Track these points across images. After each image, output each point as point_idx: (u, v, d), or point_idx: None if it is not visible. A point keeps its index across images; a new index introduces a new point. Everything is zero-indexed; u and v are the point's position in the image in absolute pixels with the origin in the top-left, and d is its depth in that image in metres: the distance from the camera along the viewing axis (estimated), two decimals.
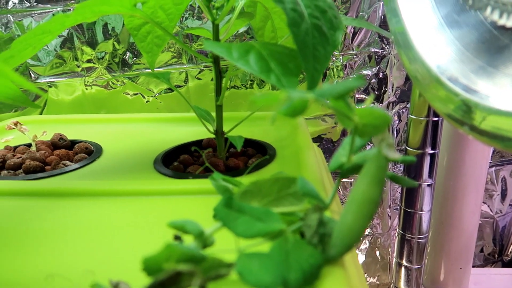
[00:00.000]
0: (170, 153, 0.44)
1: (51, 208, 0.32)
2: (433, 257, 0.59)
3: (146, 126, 0.55)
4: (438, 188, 0.55)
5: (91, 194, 0.34)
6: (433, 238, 0.58)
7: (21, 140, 0.49)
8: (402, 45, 0.34)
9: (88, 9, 0.33)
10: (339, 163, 0.23)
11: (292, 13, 0.26)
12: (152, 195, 0.34)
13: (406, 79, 0.64)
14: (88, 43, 0.62)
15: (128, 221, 0.29)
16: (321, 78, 0.26)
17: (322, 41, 0.28)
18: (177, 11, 0.46)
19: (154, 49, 0.48)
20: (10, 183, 0.37)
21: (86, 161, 0.42)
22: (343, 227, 0.20)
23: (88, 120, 0.58)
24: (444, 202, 0.56)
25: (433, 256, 0.59)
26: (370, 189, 0.20)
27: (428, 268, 0.60)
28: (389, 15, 0.36)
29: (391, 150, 0.21)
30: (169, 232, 0.27)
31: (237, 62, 0.27)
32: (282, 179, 0.22)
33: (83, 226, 0.29)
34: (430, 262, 0.60)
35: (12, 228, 0.29)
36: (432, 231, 0.57)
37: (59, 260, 0.24)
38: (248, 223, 0.20)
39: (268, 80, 0.26)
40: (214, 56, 0.41)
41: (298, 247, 0.20)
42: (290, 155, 0.41)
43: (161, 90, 0.65)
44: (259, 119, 0.53)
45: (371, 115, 0.20)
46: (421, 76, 0.32)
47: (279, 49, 0.29)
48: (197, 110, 0.43)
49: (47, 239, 0.27)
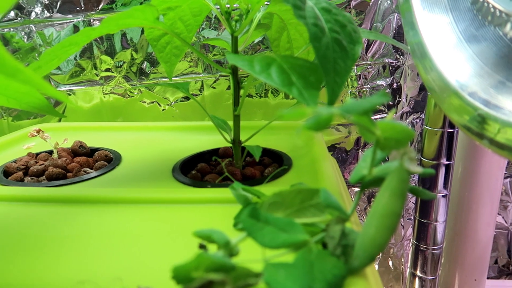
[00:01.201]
0: (187, 162, 0.45)
1: (74, 215, 0.33)
2: (447, 268, 0.59)
3: (162, 134, 0.56)
4: (453, 199, 0.55)
5: (113, 201, 0.35)
6: (447, 249, 0.57)
7: (41, 146, 0.50)
8: (419, 56, 0.34)
9: (114, 22, 0.34)
10: (360, 175, 0.24)
11: (314, 28, 0.27)
12: (172, 203, 0.34)
13: (420, 89, 0.64)
14: (107, 53, 0.63)
15: (150, 229, 0.30)
16: (341, 90, 0.27)
17: (342, 55, 0.28)
18: (196, 22, 0.48)
19: (172, 59, 0.49)
20: (34, 189, 0.38)
21: (106, 169, 0.43)
22: (365, 239, 0.21)
23: (106, 127, 0.59)
24: (458, 213, 0.56)
25: (447, 267, 0.58)
26: (392, 202, 0.21)
27: (442, 279, 0.60)
28: (407, 28, 0.37)
29: (413, 163, 0.21)
30: (190, 240, 0.28)
31: (260, 76, 0.27)
32: (305, 191, 0.23)
33: (107, 233, 0.29)
34: (444, 273, 0.59)
35: (39, 234, 0.30)
36: (446, 241, 0.57)
37: (86, 266, 0.25)
38: (272, 233, 0.20)
39: (290, 93, 0.26)
40: (232, 67, 0.42)
41: (321, 258, 0.20)
42: (307, 165, 0.41)
43: (177, 98, 0.66)
44: (274, 129, 0.53)
45: (393, 129, 0.21)
46: (438, 87, 0.32)
47: (299, 62, 0.30)
48: (215, 120, 0.44)
49: (73, 245, 0.28)
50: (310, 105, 0.26)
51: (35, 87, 0.20)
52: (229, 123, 0.45)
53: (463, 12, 0.32)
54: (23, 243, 0.28)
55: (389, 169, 0.24)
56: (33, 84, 0.20)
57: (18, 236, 0.29)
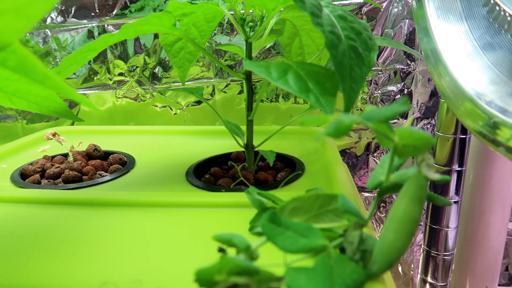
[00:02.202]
0: (200, 166, 0.46)
1: (91, 217, 0.33)
2: (458, 274, 0.58)
3: (175, 138, 0.56)
4: (465, 205, 0.55)
5: (129, 204, 0.35)
6: (458, 255, 0.57)
7: (56, 149, 0.51)
8: (433, 63, 0.35)
9: (132, 28, 0.35)
10: (378, 181, 0.24)
11: (331, 35, 0.27)
12: (187, 207, 0.35)
13: (431, 95, 0.64)
14: (120, 57, 0.64)
15: (166, 232, 0.30)
16: (357, 97, 0.27)
17: (358, 62, 0.29)
18: (209, 28, 0.48)
19: (185, 64, 0.50)
20: (51, 192, 0.38)
21: (120, 172, 0.43)
22: (383, 245, 0.21)
23: (119, 131, 0.60)
24: (470, 219, 0.55)
25: (458, 273, 0.58)
26: (410, 208, 0.21)
27: (453, 285, 0.60)
28: (420, 34, 0.37)
29: (431, 170, 0.21)
30: (206, 243, 0.28)
31: (277, 82, 0.28)
32: (323, 196, 0.23)
33: (124, 236, 0.30)
34: (455, 280, 0.59)
35: (58, 235, 0.30)
36: (457, 248, 0.57)
37: (105, 268, 0.26)
38: (292, 238, 0.21)
39: (307, 99, 0.27)
40: (246, 72, 0.42)
41: (341, 263, 0.20)
42: (319, 170, 0.42)
43: (188, 103, 0.67)
44: (285, 133, 0.54)
45: (412, 137, 0.21)
46: (452, 94, 0.32)
47: (315, 69, 0.30)
48: (228, 125, 0.44)
49: (91, 247, 0.28)
50: (327, 111, 0.26)
51: (62, 93, 0.20)
52: (241, 128, 0.45)
53: (478, 20, 0.32)
54: (44, 244, 0.29)
55: (406, 176, 0.24)
56: (60, 90, 0.20)
57: (38, 238, 0.30)
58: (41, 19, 0.63)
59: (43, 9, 0.16)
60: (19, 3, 0.15)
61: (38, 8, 0.16)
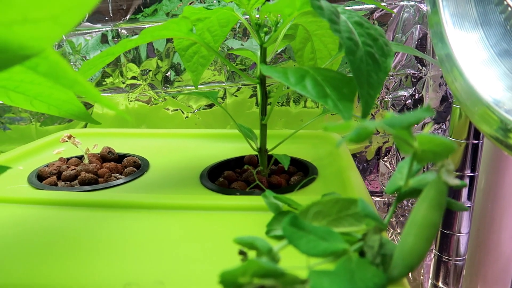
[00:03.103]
0: (213, 169, 0.46)
1: (108, 219, 0.34)
2: (469, 280, 0.58)
3: (187, 141, 0.57)
4: (476, 211, 0.55)
5: (145, 207, 0.36)
6: (469, 260, 0.57)
7: (71, 151, 0.52)
8: (448, 69, 0.35)
9: (149, 34, 0.36)
10: (396, 186, 0.24)
11: (349, 42, 0.28)
12: (203, 210, 0.35)
13: (442, 100, 0.64)
14: (133, 61, 0.65)
15: (184, 234, 0.31)
16: (374, 103, 0.28)
17: (375, 68, 0.29)
18: (222, 33, 0.49)
19: (199, 69, 0.51)
20: (68, 194, 0.39)
21: (135, 175, 0.44)
22: (404, 249, 0.21)
23: (132, 134, 0.60)
24: (481, 225, 0.55)
25: (469, 279, 0.58)
26: (430, 213, 0.21)
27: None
28: (435, 40, 0.37)
29: (451, 176, 0.22)
30: (225, 245, 0.29)
31: (295, 87, 0.28)
32: (342, 200, 0.24)
33: (143, 238, 0.30)
34: (466, 285, 0.59)
35: (77, 237, 0.31)
36: (468, 253, 0.56)
37: (126, 269, 0.26)
38: (313, 242, 0.21)
39: (325, 105, 0.27)
40: (260, 77, 0.43)
41: (361, 267, 0.21)
42: (333, 174, 0.42)
43: (200, 106, 0.67)
44: (297, 137, 0.54)
45: (432, 142, 0.21)
46: (469, 100, 0.32)
47: (332, 75, 0.31)
48: (242, 129, 0.45)
49: (111, 248, 0.29)
50: (345, 116, 0.26)
51: (89, 97, 0.21)
52: (254, 132, 0.46)
53: (494, 27, 0.32)
54: (64, 245, 0.29)
55: (425, 181, 0.24)
56: (89, 94, 0.21)
57: (57, 239, 0.30)
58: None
59: (78, 17, 0.16)
60: (56, 11, 0.16)
61: (73, 16, 0.16)
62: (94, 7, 0.16)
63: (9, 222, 0.34)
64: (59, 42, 0.64)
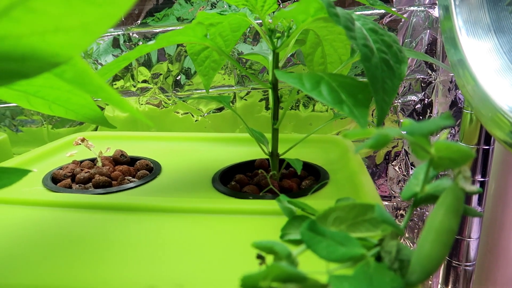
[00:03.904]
0: (224, 172, 0.46)
1: (123, 222, 0.34)
2: (478, 285, 0.58)
3: (197, 145, 0.57)
4: (486, 216, 0.55)
5: (160, 210, 0.36)
6: (479, 266, 0.57)
7: (83, 154, 0.52)
8: (461, 75, 0.35)
9: (165, 39, 0.36)
10: (412, 192, 0.24)
11: (364, 48, 0.28)
12: (217, 213, 0.35)
13: (451, 105, 0.64)
14: (144, 64, 0.65)
15: (200, 238, 0.31)
16: (389, 109, 0.28)
17: (390, 74, 0.29)
18: (234, 38, 0.49)
19: (210, 73, 0.51)
20: (82, 196, 0.39)
21: (148, 178, 0.44)
22: (421, 255, 0.21)
23: (142, 137, 0.61)
24: (491, 230, 0.55)
25: (479, 284, 0.58)
26: (447, 219, 0.22)
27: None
28: (448, 46, 0.37)
29: (468, 182, 0.22)
30: (240, 249, 0.29)
31: (311, 93, 0.29)
32: (359, 206, 0.24)
33: (159, 241, 0.31)
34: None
35: (94, 239, 0.31)
36: (478, 258, 0.56)
37: (143, 272, 0.26)
38: (331, 247, 0.21)
39: (341, 111, 0.27)
40: (273, 82, 0.43)
41: (379, 272, 0.21)
42: (344, 179, 0.42)
43: (209, 109, 0.68)
44: (307, 141, 0.54)
45: (449, 149, 0.22)
46: (482, 105, 0.33)
47: (346, 80, 0.31)
48: (254, 133, 0.45)
49: (127, 251, 0.29)
50: (361, 122, 0.27)
51: (113, 103, 0.21)
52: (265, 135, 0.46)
53: (508, 33, 0.32)
54: (82, 247, 0.30)
55: (440, 187, 0.25)
56: (113, 100, 0.21)
57: (75, 241, 0.31)
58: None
59: (107, 26, 0.17)
60: (87, 21, 0.16)
61: (102, 25, 0.17)
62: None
63: (25, 224, 0.34)
64: None
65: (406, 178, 0.68)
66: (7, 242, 0.31)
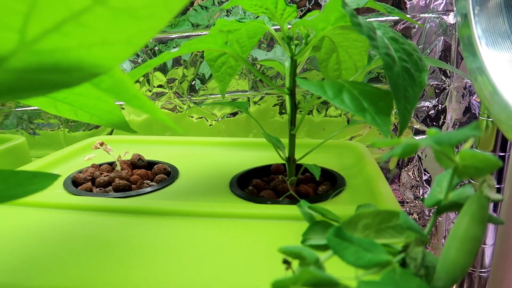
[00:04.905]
0: (241, 177, 0.47)
1: (144, 225, 0.35)
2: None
3: (212, 149, 0.58)
4: None
5: (180, 214, 0.37)
6: (493, 272, 0.57)
7: (101, 158, 0.53)
8: (480, 82, 0.35)
9: (187, 47, 0.37)
10: (436, 199, 0.25)
11: (386, 57, 0.29)
12: (237, 218, 0.36)
13: (465, 111, 0.64)
14: (160, 70, 0.66)
15: (220, 242, 0.32)
16: (411, 117, 0.28)
17: (411, 83, 0.30)
18: (250, 44, 0.50)
19: (226, 78, 0.52)
20: (104, 200, 0.40)
21: (167, 182, 0.45)
22: (446, 261, 0.22)
23: (158, 141, 0.62)
24: (506, 237, 0.55)
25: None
26: (472, 226, 0.22)
27: None
28: (466, 53, 0.38)
29: (493, 191, 0.22)
30: (260, 253, 0.30)
31: (333, 101, 0.29)
32: (384, 212, 0.24)
33: (179, 245, 0.31)
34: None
35: (115, 242, 0.32)
36: (493, 265, 0.56)
37: (164, 275, 0.27)
38: (358, 253, 0.22)
39: (363, 118, 0.28)
40: (290, 88, 0.44)
41: (405, 278, 0.21)
42: (361, 184, 0.42)
43: (224, 114, 0.69)
44: (323, 147, 0.55)
45: (475, 158, 0.22)
46: (503, 113, 0.33)
47: (366, 88, 0.31)
48: (271, 138, 0.45)
49: (148, 255, 0.30)
50: (384, 130, 0.27)
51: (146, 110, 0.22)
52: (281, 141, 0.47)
53: None
54: (103, 250, 0.31)
55: (464, 195, 0.25)
56: (146, 108, 0.22)
57: (98, 244, 0.32)
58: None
59: (147, 38, 0.18)
60: (130, 34, 0.17)
61: (145, 37, 0.17)
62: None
63: (50, 226, 0.35)
64: None
65: (419, 183, 0.68)
66: (33, 244, 0.32)
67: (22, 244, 0.32)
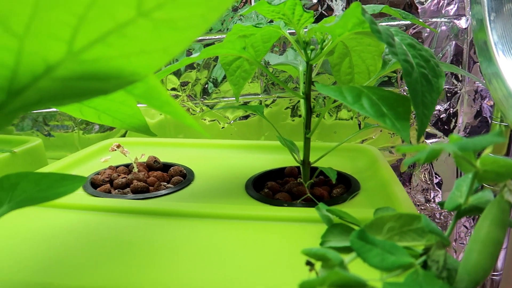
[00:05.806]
0: (256, 179, 0.48)
1: (163, 227, 0.35)
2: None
3: (226, 152, 0.59)
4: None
5: (197, 215, 0.37)
6: (505, 275, 0.57)
7: (117, 159, 0.54)
8: (496, 87, 0.36)
9: (206, 52, 0.38)
10: (456, 203, 0.25)
11: (405, 64, 0.29)
12: (254, 220, 0.36)
13: (477, 115, 0.64)
14: (173, 73, 0.67)
15: (238, 244, 0.32)
16: (429, 122, 0.29)
17: (429, 89, 0.30)
18: (264, 48, 0.51)
19: (240, 82, 0.53)
20: (122, 201, 0.41)
21: (183, 184, 0.46)
22: (468, 264, 0.22)
23: (172, 143, 0.62)
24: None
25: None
26: (493, 230, 0.22)
27: None
28: (481, 58, 0.38)
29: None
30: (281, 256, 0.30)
31: (353, 106, 0.30)
32: (405, 216, 0.25)
33: (198, 246, 0.32)
34: None
35: (134, 243, 0.33)
36: (505, 268, 0.56)
37: (182, 277, 0.28)
38: (381, 255, 0.22)
39: (383, 123, 0.29)
40: (305, 92, 0.44)
41: (429, 280, 0.22)
42: (376, 187, 0.43)
43: (236, 117, 0.69)
44: (336, 150, 0.55)
45: (495, 163, 0.23)
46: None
47: (385, 94, 0.32)
48: (286, 142, 0.46)
49: (169, 256, 0.30)
50: (403, 135, 0.28)
51: (176, 116, 0.23)
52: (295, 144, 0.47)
53: None
54: (128, 251, 0.31)
55: (483, 199, 0.25)
56: (176, 114, 0.23)
57: (118, 244, 0.32)
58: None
59: (184, 47, 0.18)
60: (167, 44, 0.18)
61: (181, 46, 0.18)
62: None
63: (71, 227, 0.36)
64: None
65: (430, 186, 0.68)
66: (56, 245, 0.33)
67: (51, 245, 0.33)
